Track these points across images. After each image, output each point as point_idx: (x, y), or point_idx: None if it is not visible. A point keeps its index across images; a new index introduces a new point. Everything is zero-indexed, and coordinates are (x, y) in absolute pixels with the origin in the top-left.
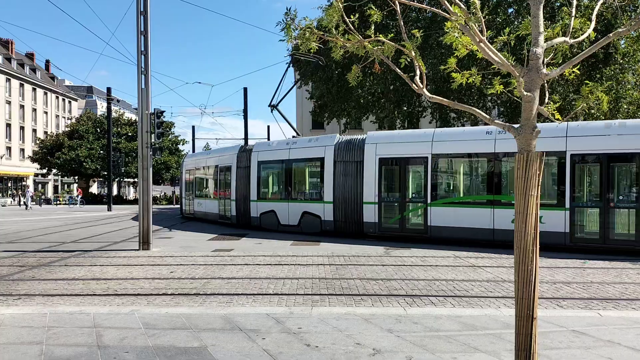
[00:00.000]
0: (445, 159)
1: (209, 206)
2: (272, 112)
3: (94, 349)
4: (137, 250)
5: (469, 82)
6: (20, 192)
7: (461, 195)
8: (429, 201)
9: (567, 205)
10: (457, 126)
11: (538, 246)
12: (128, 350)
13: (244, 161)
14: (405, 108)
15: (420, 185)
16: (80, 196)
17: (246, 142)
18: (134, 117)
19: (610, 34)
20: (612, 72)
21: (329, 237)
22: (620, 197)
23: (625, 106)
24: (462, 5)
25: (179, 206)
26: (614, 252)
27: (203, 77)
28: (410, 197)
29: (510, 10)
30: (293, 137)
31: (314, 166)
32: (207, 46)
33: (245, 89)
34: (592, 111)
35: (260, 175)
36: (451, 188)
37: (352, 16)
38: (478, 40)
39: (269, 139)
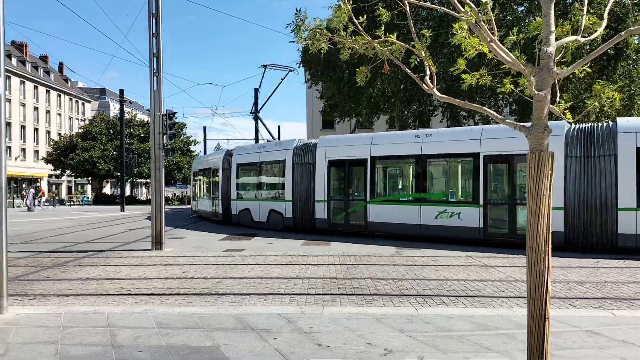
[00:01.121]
0: (381, 160)
1: (205, 205)
2: (254, 119)
3: (108, 349)
4: (150, 250)
5: (479, 82)
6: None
7: (395, 194)
8: (368, 199)
9: (481, 202)
10: (469, 124)
11: (550, 246)
12: (142, 349)
13: (227, 164)
14: (415, 107)
15: (361, 185)
16: (44, 197)
17: (257, 142)
18: (146, 118)
19: (623, 32)
20: (624, 69)
21: (292, 232)
22: (524, 194)
23: (639, 102)
24: (472, 5)
25: (189, 206)
26: (521, 246)
27: (214, 78)
28: (353, 195)
29: (520, 9)
30: (268, 140)
31: (277, 168)
32: (218, 47)
33: (256, 90)
34: (605, 109)
35: (238, 176)
36: (386, 187)
37: (360, 17)
38: (489, 39)
39: (279, 139)
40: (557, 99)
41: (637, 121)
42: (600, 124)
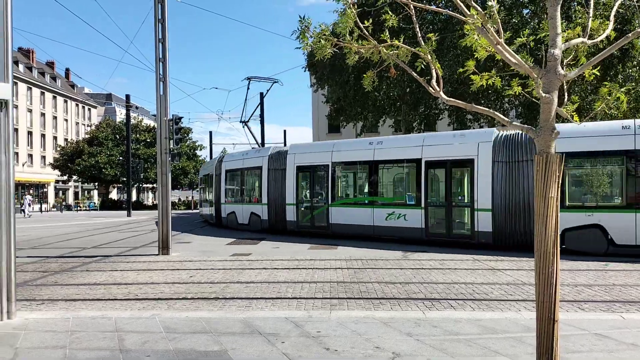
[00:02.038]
0: (340, 166)
1: (206, 209)
2: (243, 127)
3: (116, 353)
4: (157, 255)
5: (488, 83)
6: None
7: (352, 197)
8: (329, 202)
9: (423, 204)
10: (474, 127)
11: (559, 248)
12: (150, 354)
13: (218, 170)
14: (422, 110)
15: (324, 189)
16: (31, 204)
17: (262, 146)
18: (152, 123)
19: (630, 34)
20: (629, 71)
21: (271, 234)
22: (459, 198)
23: None
24: (479, 8)
25: (197, 211)
26: (457, 245)
27: (220, 83)
28: (317, 199)
29: (525, 11)
30: (252, 147)
31: (256, 174)
32: (223, 51)
33: (261, 94)
34: (612, 111)
35: (226, 182)
36: (345, 191)
37: (366, 21)
38: (495, 42)
39: (285, 143)
40: (565, 101)
41: (299, 145)
42: (285, 149)
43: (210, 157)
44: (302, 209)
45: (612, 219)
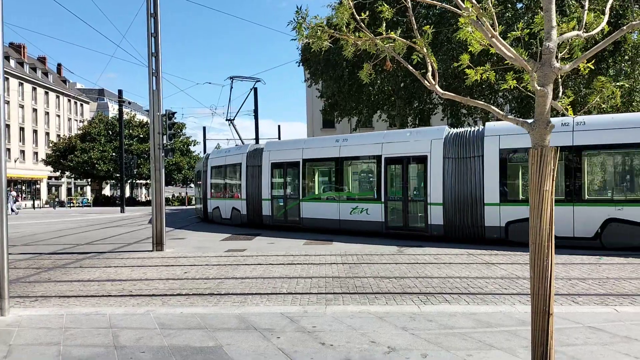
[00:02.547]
0: (310, 163)
1: (198, 204)
2: (229, 125)
3: (110, 349)
4: (151, 251)
5: (483, 77)
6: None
7: (321, 192)
8: (301, 197)
9: (383, 199)
10: (469, 122)
11: (553, 242)
12: (144, 350)
13: (205, 166)
14: (416, 105)
15: (295, 185)
16: (17, 200)
17: (257, 142)
18: (145, 118)
19: (624, 27)
20: (620, 65)
21: (246, 228)
22: (415, 192)
23: (638, 99)
24: (474, 1)
25: (191, 207)
26: (414, 237)
27: (213, 78)
28: (290, 194)
29: (519, 5)
30: (236, 145)
31: (236, 170)
32: (216, 46)
33: (255, 89)
34: (603, 106)
35: (212, 177)
36: (315, 187)
37: (362, 14)
38: (490, 35)
39: (279, 138)
40: (560, 94)
41: (502, 125)
42: (471, 129)
43: (204, 153)
44: (277, 204)
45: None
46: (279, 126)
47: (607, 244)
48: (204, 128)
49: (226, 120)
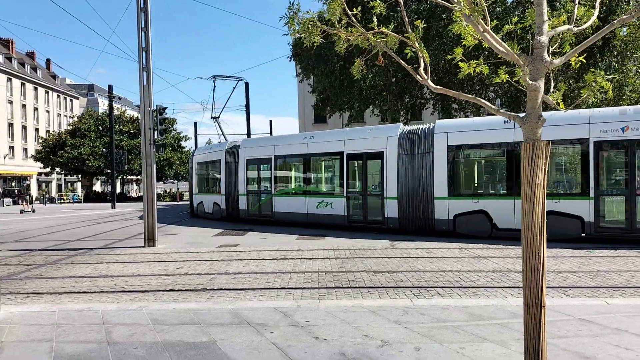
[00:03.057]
0: (282, 159)
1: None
2: (214, 123)
3: (103, 345)
4: (143, 247)
5: (476, 71)
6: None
7: (291, 187)
8: (273, 192)
9: (345, 194)
10: (460, 117)
11: (545, 235)
12: (137, 346)
13: (191, 162)
14: (407, 100)
15: (269, 181)
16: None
17: (249, 137)
18: (135, 114)
19: (615, 21)
20: (610, 60)
21: (226, 222)
22: (373, 187)
23: (628, 93)
24: None
25: (182, 202)
26: (372, 230)
27: (204, 73)
28: (263, 189)
29: (510, 0)
30: (219, 142)
31: (217, 166)
32: (206, 41)
33: (246, 84)
34: (592, 99)
35: (196, 173)
36: (285, 182)
37: (354, 9)
38: (482, 30)
39: (271, 134)
40: (551, 88)
41: (450, 123)
42: (423, 126)
43: (196, 148)
44: (252, 198)
45: (494, 205)
46: (270, 121)
47: (548, 234)
48: (195, 123)
49: (211, 118)
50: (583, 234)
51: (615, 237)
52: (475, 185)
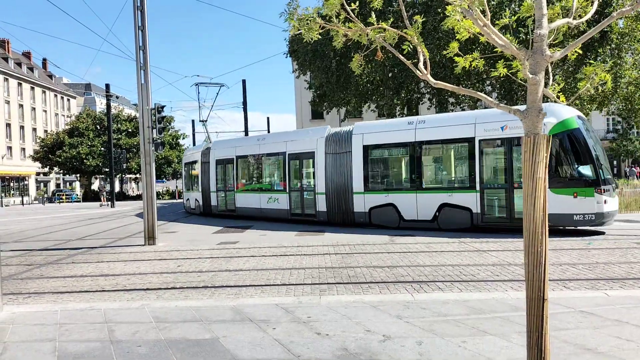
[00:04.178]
0: (241, 159)
1: None
2: (203, 126)
3: (106, 344)
4: (143, 245)
5: (472, 66)
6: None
7: (248, 185)
8: (235, 189)
9: (287, 190)
10: (457, 111)
11: (547, 228)
12: (141, 344)
13: (182, 162)
14: (404, 95)
15: (232, 179)
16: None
17: (246, 135)
18: (133, 112)
19: (614, 14)
20: (607, 52)
21: (218, 218)
22: (307, 184)
23: (623, 86)
24: None
25: (181, 200)
26: (310, 222)
27: (200, 71)
28: (228, 187)
29: None
30: (205, 141)
31: (195, 166)
32: (203, 39)
33: (244, 81)
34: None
35: (185, 172)
36: (245, 180)
37: (352, 4)
38: (482, 24)
39: (268, 131)
40: (550, 82)
41: (366, 124)
42: (345, 128)
43: (194, 145)
44: (220, 195)
45: (401, 199)
46: (267, 118)
47: (443, 225)
48: (193, 121)
49: (200, 121)
50: (473, 224)
51: (498, 226)
52: (385, 181)
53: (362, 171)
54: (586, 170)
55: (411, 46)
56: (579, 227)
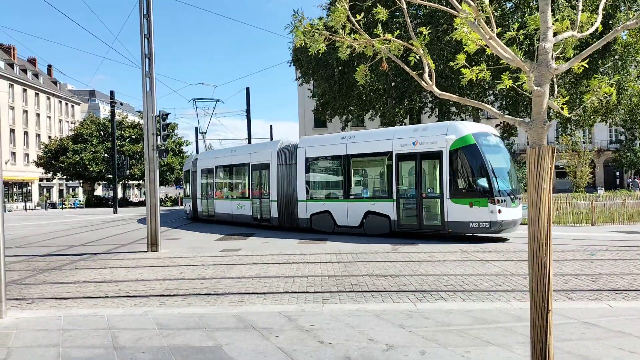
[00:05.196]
0: (220, 169)
1: None
2: (202, 138)
3: (110, 350)
4: (146, 252)
5: (478, 77)
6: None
7: (224, 193)
8: (215, 197)
9: (250, 197)
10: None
11: (551, 239)
12: (144, 350)
13: (183, 170)
14: (406, 104)
15: (212, 187)
16: None
17: (249, 142)
18: (137, 119)
19: (619, 27)
20: (610, 64)
21: (220, 225)
22: (265, 192)
23: (626, 98)
24: (471, 2)
25: (183, 207)
26: (267, 227)
27: (205, 78)
28: (209, 194)
29: (509, 5)
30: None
31: (188, 175)
32: (208, 47)
33: (247, 89)
34: (596, 104)
35: (183, 181)
36: (221, 188)
37: (357, 15)
38: (488, 37)
39: (271, 138)
40: (555, 93)
41: (308, 139)
42: (293, 142)
43: (197, 153)
44: (203, 201)
45: (334, 207)
46: (270, 126)
47: (368, 231)
48: (196, 128)
49: (200, 133)
50: (391, 230)
51: (411, 232)
52: (323, 190)
53: (304, 181)
54: (481, 182)
55: (417, 57)
56: (476, 234)
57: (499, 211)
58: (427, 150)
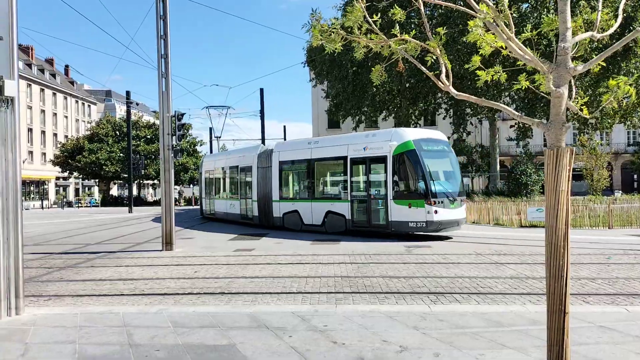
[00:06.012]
0: (218, 170)
1: None
2: (217, 141)
3: (125, 348)
4: (161, 250)
5: (494, 79)
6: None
7: (220, 193)
8: (214, 197)
9: (239, 197)
10: (472, 122)
11: (569, 242)
12: (159, 348)
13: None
14: (421, 105)
15: (212, 187)
16: None
17: (263, 143)
18: (152, 119)
19: (639, 28)
20: (631, 66)
21: (217, 222)
22: (249, 193)
23: None
24: (490, 3)
25: (196, 207)
26: (248, 225)
27: (220, 80)
28: (211, 194)
29: (525, 6)
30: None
31: (199, 176)
32: (224, 49)
33: (261, 90)
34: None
35: (198, 181)
36: (218, 189)
37: (375, 15)
38: (506, 37)
39: (285, 139)
40: (573, 94)
41: (282, 143)
42: (269, 147)
43: (211, 153)
44: (207, 201)
45: (301, 206)
46: (284, 127)
47: (328, 229)
48: (211, 129)
49: (215, 137)
50: (347, 228)
51: (363, 230)
52: (292, 191)
53: (277, 183)
54: (419, 184)
55: (434, 58)
56: (416, 233)
57: (436, 212)
58: (374, 155)
